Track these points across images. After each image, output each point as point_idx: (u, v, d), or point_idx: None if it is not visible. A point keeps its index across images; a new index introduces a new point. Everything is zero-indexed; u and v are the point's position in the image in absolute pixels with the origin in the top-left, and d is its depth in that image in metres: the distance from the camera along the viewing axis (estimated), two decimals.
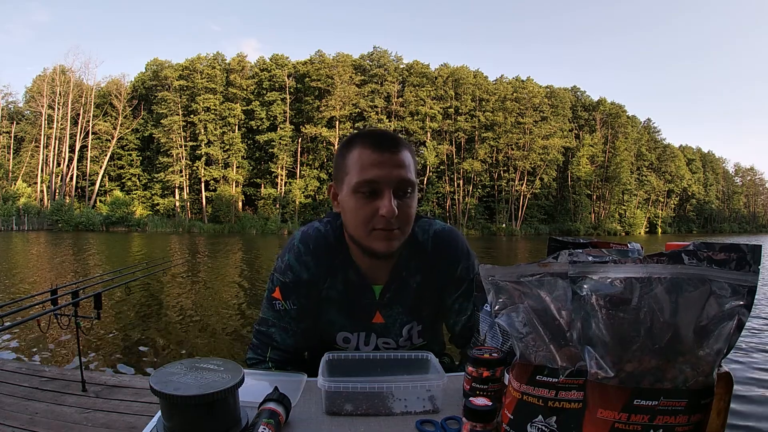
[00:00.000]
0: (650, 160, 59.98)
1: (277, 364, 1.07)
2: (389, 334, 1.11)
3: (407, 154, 0.98)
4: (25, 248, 18.00)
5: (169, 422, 0.67)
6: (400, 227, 0.97)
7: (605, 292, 0.54)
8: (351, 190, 0.96)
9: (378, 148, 0.95)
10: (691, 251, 0.57)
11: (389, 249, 0.98)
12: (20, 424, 2.25)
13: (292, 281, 1.05)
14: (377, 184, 0.94)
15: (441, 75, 50.23)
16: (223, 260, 15.04)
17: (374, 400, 0.78)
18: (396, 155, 0.95)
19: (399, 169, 0.95)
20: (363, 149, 0.96)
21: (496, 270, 0.62)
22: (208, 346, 4.92)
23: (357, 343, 1.11)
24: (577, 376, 0.55)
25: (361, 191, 0.95)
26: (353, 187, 0.95)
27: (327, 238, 1.06)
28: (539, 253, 19.14)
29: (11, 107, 47.38)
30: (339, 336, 1.11)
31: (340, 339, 1.11)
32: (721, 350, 0.54)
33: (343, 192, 0.99)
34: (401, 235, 0.99)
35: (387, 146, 0.95)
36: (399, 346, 1.12)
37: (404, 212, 0.96)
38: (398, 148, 0.96)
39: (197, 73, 46.11)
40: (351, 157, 0.97)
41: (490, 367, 0.74)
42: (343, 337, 1.11)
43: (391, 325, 1.10)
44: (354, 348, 1.11)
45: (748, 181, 79.70)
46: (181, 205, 45.79)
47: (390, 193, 0.93)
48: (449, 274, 1.11)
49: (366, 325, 1.10)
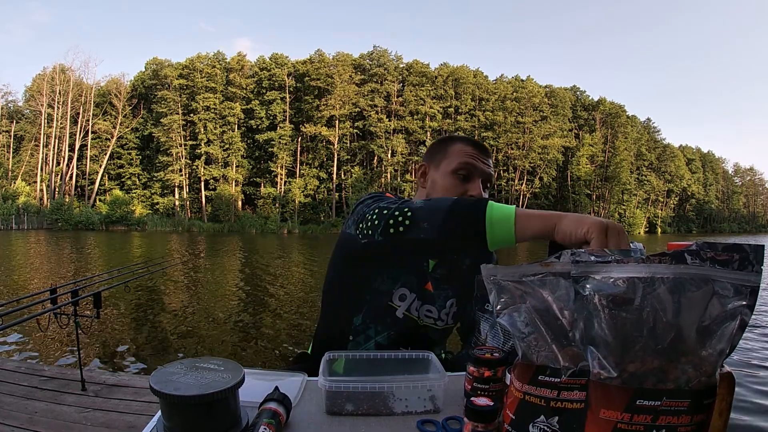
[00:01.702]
0: (650, 160, 59.99)
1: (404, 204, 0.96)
2: (435, 302, 1.17)
3: (491, 161, 1.20)
4: (25, 247, 17.99)
5: (169, 422, 0.67)
6: None
7: (608, 292, 0.54)
8: (449, 170, 1.14)
9: (477, 147, 1.17)
10: (694, 251, 0.57)
11: None
12: (20, 423, 2.25)
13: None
14: (474, 170, 1.14)
15: (441, 74, 50.21)
16: (223, 259, 15.04)
17: (375, 400, 0.78)
18: (488, 157, 1.18)
19: (488, 167, 1.17)
20: (466, 145, 1.17)
21: (498, 269, 0.62)
22: (208, 346, 4.92)
23: (409, 305, 1.15)
24: (579, 376, 0.55)
25: (460, 173, 1.13)
26: (453, 168, 1.14)
27: None
28: (539, 253, 19.15)
29: (11, 106, 47.33)
30: (397, 292, 1.14)
31: (397, 295, 1.15)
32: (724, 350, 0.54)
33: (440, 171, 1.17)
34: None
35: (482, 149, 1.18)
36: (439, 318, 1.18)
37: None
38: (489, 153, 1.20)
39: (197, 72, 46.07)
40: (454, 147, 1.17)
41: (492, 366, 0.74)
42: (400, 294, 1.15)
43: (437, 295, 1.18)
44: (405, 308, 1.15)
45: (748, 181, 79.74)
46: (180, 204, 45.76)
47: (479, 181, 1.14)
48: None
49: (420, 289, 1.16)
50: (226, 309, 6.78)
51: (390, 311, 1.14)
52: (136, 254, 15.92)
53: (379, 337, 1.15)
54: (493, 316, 0.81)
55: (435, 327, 1.18)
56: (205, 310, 6.71)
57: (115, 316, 6.04)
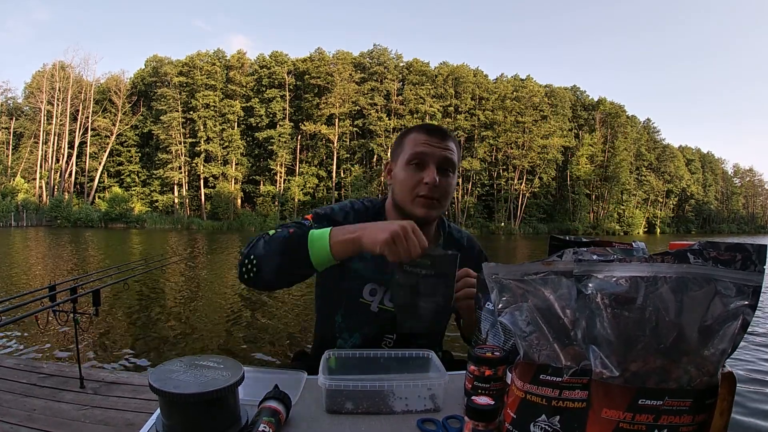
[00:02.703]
0: (649, 160, 59.98)
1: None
2: None
3: (452, 143, 1.17)
4: (24, 244, 17.96)
5: (168, 420, 0.66)
6: (439, 198, 1.13)
7: (610, 291, 0.54)
8: (404, 162, 1.15)
9: (430, 133, 1.15)
10: (697, 250, 0.57)
11: (428, 215, 1.13)
12: (18, 421, 2.25)
13: (326, 214, 1.18)
14: (425, 156, 1.13)
15: (441, 73, 50.12)
16: (222, 257, 15.03)
17: (375, 399, 0.78)
18: (442, 141, 1.15)
19: (443, 150, 1.14)
20: (419, 134, 1.16)
21: (500, 268, 0.62)
22: (208, 343, 4.91)
23: (382, 297, 1.17)
24: (581, 376, 0.55)
25: (413, 163, 1.14)
26: (407, 159, 1.15)
27: (368, 210, 1.22)
28: (538, 252, 19.16)
29: (10, 103, 47.21)
30: (366, 288, 1.17)
31: (366, 291, 1.17)
32: (726, 350, 0.54)
33: (397, 166, 1.18)
34: (439, 206, 1.15)
35: (436, 133, 1.16)
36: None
37: (444, 186, 1.13)
38: (445, 136, 1.16)
39: (197, 70, 45.95)
40: (408, 138, 1.18)
41: (493, 365, 0.74)
42: (370, 289, 1.17)
43: None
44: (379, 302, 1.17)
45: (747, 182, 79.80)
46: (179, 202, 45.70)
47: (434, 166, 1.12)
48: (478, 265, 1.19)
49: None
50: (225, 306, 6.77)
51: (364, 307, 1.17)
52: (135, 252, 15.90)
53: (358, 333, 1.18)
54: (494, 315, 0.80)
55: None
56: (204, 307, 6.70)
57: (114, 314, 6.04)
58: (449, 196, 1.16)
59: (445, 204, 1.16)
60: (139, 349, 4.59)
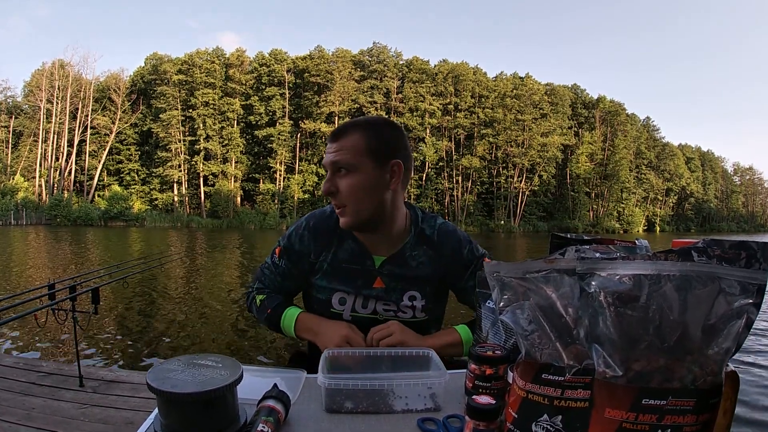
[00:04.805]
0: (649, 159, 59.94)
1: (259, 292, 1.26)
2: (390, 298, 1.17)
3: (345, 140, 1.06)
4: (23, 243, 17.95)
5: (166, 419, 0.66)
6: (345, 204, 1.08)
7: (613, 289, 0.53)
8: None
9: (329, 139, 1.10)
10: (701, 248, 0.56)
11: (345, 225, 1.11)
12: (17, 419, 2.24)
13: (286, 247, 1.21)
14: (325, 166, 1.09)
15: (441, 71, 50.04)
16: (222, 255, 15.03)
17: (375, 398, 0.77)
18: (334, 143, 1.07)
19: (331, 154, 1.07)
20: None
21: (501, 266, 0.61)
22: (207, 342, 4.91)
23: (353, 305, 1.17)
24: (583, 375, 0.54)
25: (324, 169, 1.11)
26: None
27: (329, 219, 1.18)
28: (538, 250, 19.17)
29: (9, 101, 47.06)
30: (335, 297, 1.18)
31: (335, 300, 1.18)
32: (730, 349, 0.54)
33: None
34: (349, 210, 1.08)
35: (332, 136, 1.09)
36: (399, 310, 1.18)
37: (342, 191, 1.07)
38: (337, 136, 1.08)
39: (196, 68, 45.86)
40: None
41: (493, 364, 0.73)
42: (339, 298, 1.18)
43: (391, 290, 1.17)
44: (350, 309, 1.17)
45: (747, 181, 79.77)
46: (179, 200, 45.68)
47: (330, 174, 1.08)
48: (455, 260, 1.21)
49: (365, 290, 1.17)
50: (224, 305, 6.77)
51: (336, 316, 1.17)
52: (135, 250, 15.90)
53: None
54: (495, 313, 0.80)
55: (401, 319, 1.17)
56: (203, 306, 6.70)
57: (113, 312, 6.03)
58: (353, 196, 1.06)
59: (355, 207, 1.07)
60: (139, 348, 4.59)
